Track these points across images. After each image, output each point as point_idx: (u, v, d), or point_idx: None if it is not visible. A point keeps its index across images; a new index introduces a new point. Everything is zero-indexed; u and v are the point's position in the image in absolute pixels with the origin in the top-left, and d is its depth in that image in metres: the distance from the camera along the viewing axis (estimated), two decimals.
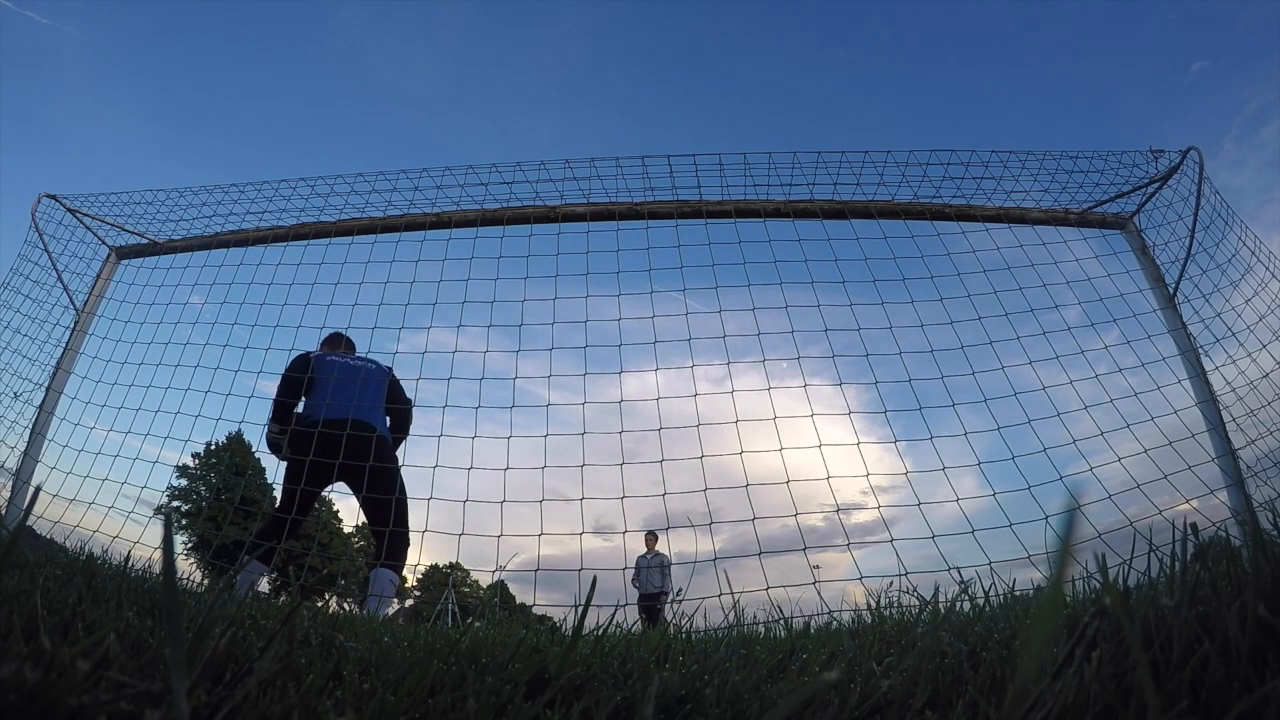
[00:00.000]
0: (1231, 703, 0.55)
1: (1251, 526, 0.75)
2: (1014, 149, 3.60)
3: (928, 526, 2.62)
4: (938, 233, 3.56)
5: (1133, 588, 0.93)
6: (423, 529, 2.83)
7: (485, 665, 0.88)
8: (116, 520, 3.33)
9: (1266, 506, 2.63)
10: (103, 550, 2.56)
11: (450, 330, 3.49)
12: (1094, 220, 3.79)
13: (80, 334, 3.98)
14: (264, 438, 3.29)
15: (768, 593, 2.31)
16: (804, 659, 1.06)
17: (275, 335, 3.56)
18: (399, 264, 3.69)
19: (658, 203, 3.68)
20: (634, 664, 0.93)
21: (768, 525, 2.56)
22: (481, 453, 2.98)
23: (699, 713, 0.77)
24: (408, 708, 0.69)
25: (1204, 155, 3.52)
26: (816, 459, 2.80)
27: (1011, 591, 1.67)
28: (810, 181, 3.66)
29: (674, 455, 2.85)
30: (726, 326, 3.24)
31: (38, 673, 0.48)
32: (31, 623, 0.73)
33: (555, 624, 2.09)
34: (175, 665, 0.44)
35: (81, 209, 4.15)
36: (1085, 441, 2.85)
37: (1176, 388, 3.15)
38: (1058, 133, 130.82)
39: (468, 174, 3.73)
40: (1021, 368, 3.06)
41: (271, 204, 3.94)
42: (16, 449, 3.66)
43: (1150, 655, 0.64)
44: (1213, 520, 2.45)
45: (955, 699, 0.74)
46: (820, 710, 0.73)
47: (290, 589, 4.70)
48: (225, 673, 0.70)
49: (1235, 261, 3.52)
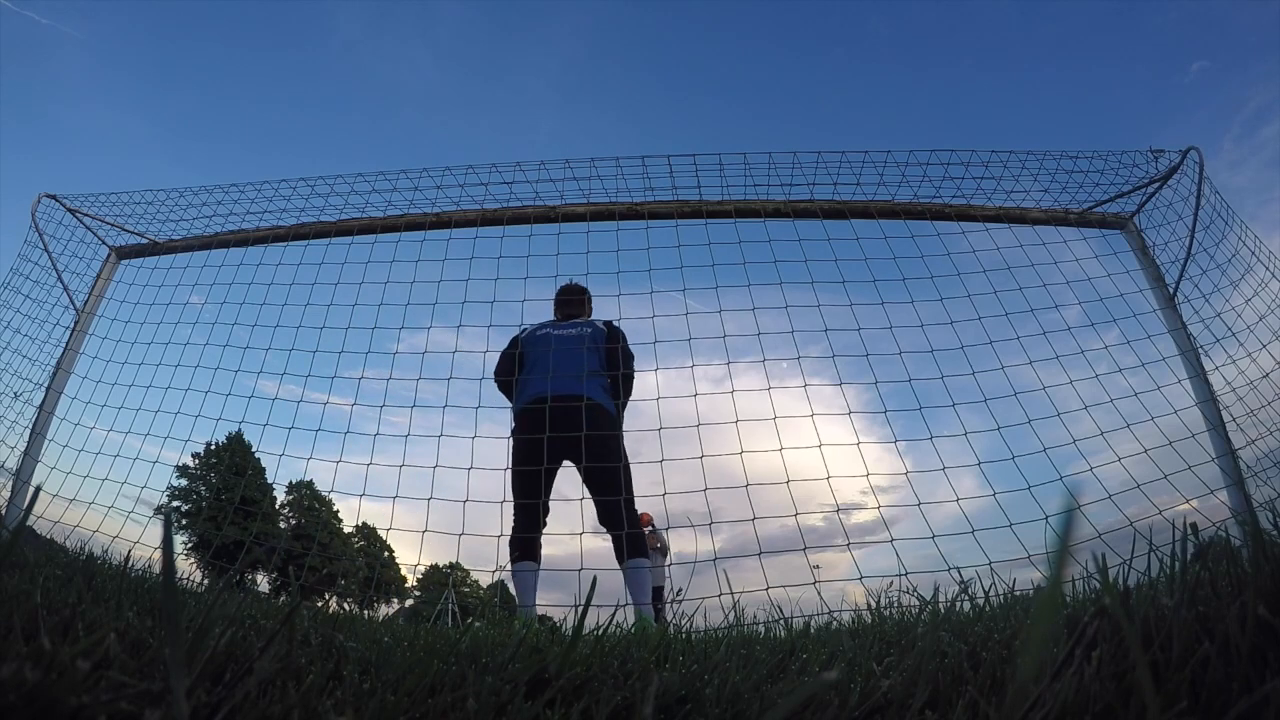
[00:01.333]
0: (1231, 703, 0.55)
1: (1251, 526, 0.75)
2: (1014, 149, 3.60)
3: (928, 526, 2.62)
4: (938, 233, 3.56)
5: (1133, 588, 0.93)
6: (423, 529, 2.83)
7: (485, 665, 0.88)
8: (116, 520, 3.34)
9: (1266, 506, 2.63)
10: (103, 550, 2.56)
11: (450, 330, 3.49)
12: (1094, 220, 3.79)
13: (80, 334, 3.98)
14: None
15: (768, 593, 2.31)
16: (804, 659, 1.06)
17: (275, 335, 3.56)
18: (399, 264, 3.69)
19: (658, 203, 3.68)
20: (634, 664, 0.93)
21: (768, 525, 2.55)
22: (481, 453, 2.98)
23: (699, 713, 0.77)
24: (408, 708, 0.69)
25: (1204, 155, 3.52)
26: (816, 459, 2.80)
27: (1011, 591, 1.67)
28: (810, 181, 3.66)
29: (674, 455, 2.85)
30: (726, 326, 3.24)
31: (38, 673, 0.48)
32: (31, 623, 0.73)
33: (555, 624, 2.09)
34: (174, 665, 0.44)
35: (81, 209, 4.15)
36: (1085, 441, 2.85)
37: (1176, 388, 3.15)
38: (1057, 132, 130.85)
39: (468, 174, 3.73)
40: (1021, 368, 3.06)
41: (271, 204, 3.94)
42: (16, 449, 3.66)
43: (1150, 655, 0.64)
44: (1213, 520, 2.45)
45: (955, 699, 0.74)
46: (820, 710, 0.73)
47: (290, 589, 4.71)
48: (225, 672, 0.70)
49: (1235, 261, 3.52)
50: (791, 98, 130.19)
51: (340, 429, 3.27)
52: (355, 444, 11.91)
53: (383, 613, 30.50)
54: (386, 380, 3.39)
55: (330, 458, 3.13)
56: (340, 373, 3.46)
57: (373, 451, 3.15)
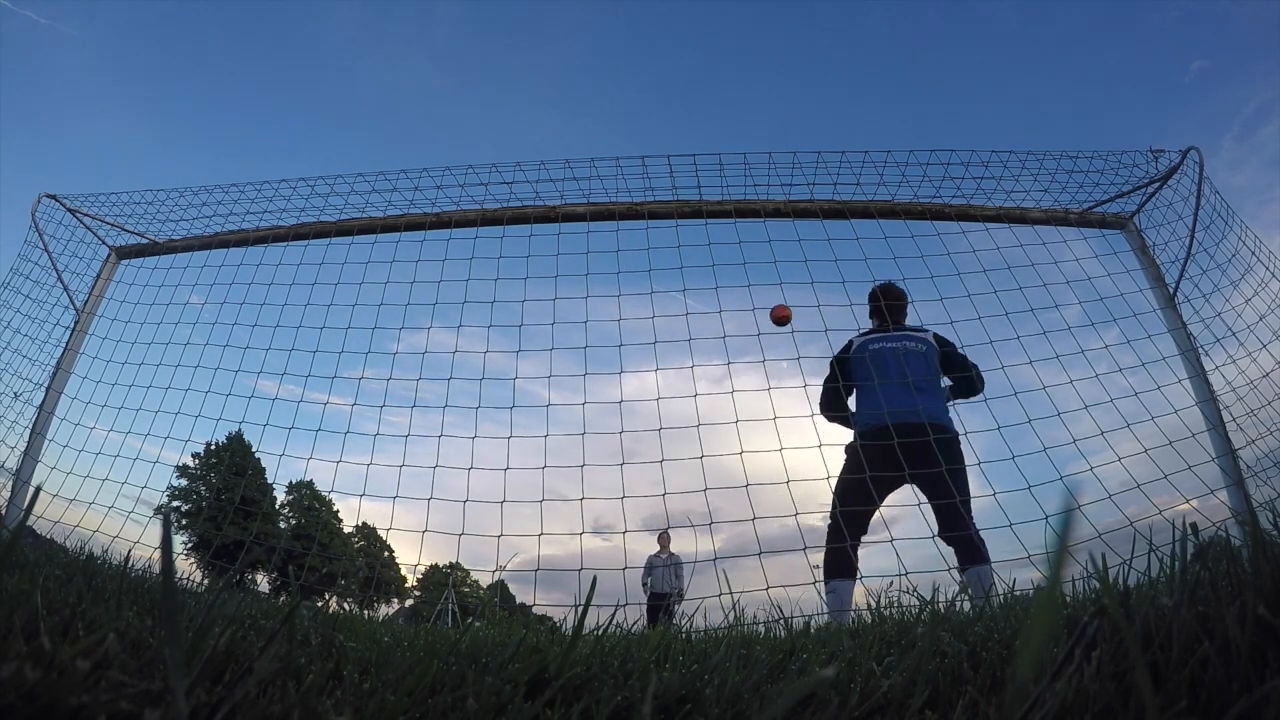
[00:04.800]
0: (1231, 703, 0.55)
1: (1251, 526, 0.75)
2: (1014, 149, 3.60)
3: (928, 526, 2.63)
4: (938, 233, 3.56)
5: (1132, 587, 0.93)
6: (423, 529, 2.84)
7: (485, 665, 0.88)
8: (116, 520, 3.33)
9: (1266, 506, 2.63)
10: (103, 550, 2.56)
11: (450, 330, 3.49)
12: (1094, 220, 3.79)
13: (80, 334, 3.98)
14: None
15: (768, 593, 2.31)
16: (804, 659, 1.06)
17: (275, 335, 3.57)
18: (399, 264, 3.69)
19: (658, 203, 3.69)
20: (634, 664, 0.93)
21: (767, 525, 2.56)
22: (481, 453, 2.99)
23: (699, 713, 0.77)
24: (408, 707, 0.69)
25: (1204, 155, 3.52)
26: (816, 459, 2.81)
27: (1012, 591, 1.67)
28: (810, 181, 3.66)
29: (674, 455, 2.85)
30: (726, 326, 3.25)
31: (38, 672, 0.48)
32: (31, 622, 0.73)
33: (555, 624, 2.10)
34: (174, 665, 0.44)
35: (81, 209, 4.15)
36: (1085, 441, 2.85)
37: (1176, 388, 3.15)
38: (1057, 132, 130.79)
39: (468, 174, 3.73)
40: (1021, 367, 3.06)
41: (271, 204, 3.94)
42: (16, 449, 3.66)
43: (1150, 655, 0.64)
44: (1213, 520, 2.44)
45: (955, 699, 0.74)
46: (820, 710, 0.73)
47: (290, 589, 4.70)
48: (225, 672, 0.70)
49: (1235, 261, 3.52)
50: (792, 97, 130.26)
51: (340, 429, 3.28)
52: (355, 444, 11.92)
53: (383, 613, 30.50)
54: (386, 380, 3.40)
55: (330, 458, 3.14)
56: (340, 373, 3.46)
57: (373, 451, 3.15)
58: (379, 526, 3.35)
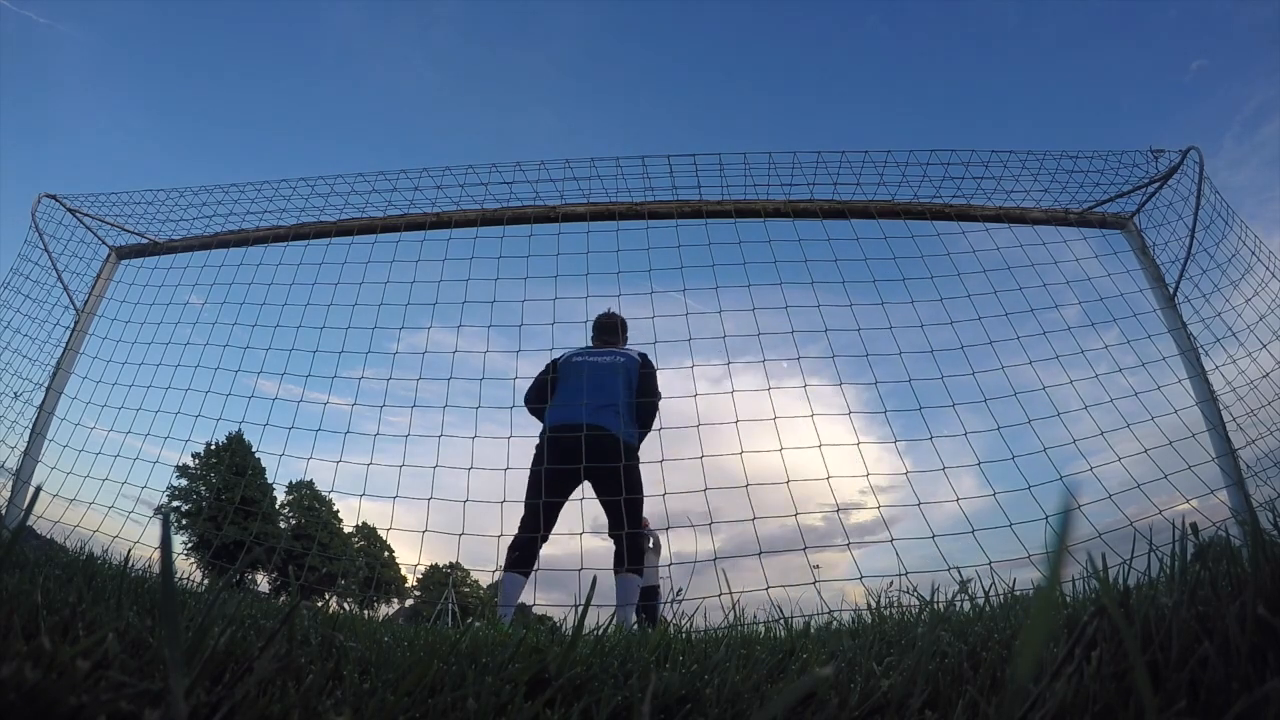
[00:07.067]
0: (1231, 702, 0.55)
1: (1251, 526, 0.75)
2: (1014, 149, 3.60)
3: (928, 526, 2.63)
4: (938, 233, 3.56)
5: (1132, 587, 0.93)
6: (423, 529, 2.84)
7: (485, 665, 0.88)
8: (116, 520, 3.33)
9: (1266, 506, 2.63)
10: (103, 550, 2.56)
11: (450, 330, 3.49)
12: (1094, 220, 3.79)
13: (80, 334, 3.98)
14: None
15: (768, 593, 2.31)
16: (804, 659, 1.06)
17: (275, 335, 3.57)
18: (399, 264, 3.69)
19: (658, 203, 3.68)
20: (634, 664, 0.93)
21: (767, 525, 2.56)
22: (481, 453, 2.98)
23: (699, 713, 0.77)
24: (408, 707, 0.69)
25: (1204, 154, 3.52)
26: (816, 459, 2.80)
27: (1011, 591, 1.67)
28: (810, 181, 3.66)
29: (674, 455, 2.85)
30: (726, 326, 3.25)
31: (38, 672, 0.48)
32: (31, 622, 0.73)
33: (555, 624, 2.09)
34: (174, 665, 0.44)
35: (81, 209, 4.15)
36: (1085, 441, 2.85)
37: (1176, 388, 3.15)
38: (1057, 132, 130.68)
39: (468, 174, 3.73)
40: (1021, 367, 3.06)
41: (271, 204, 3.94)
42: (16, 449, 3.66)
43: (1149, 655, 0.64)
44: (1213, 520, 2.45)
45: (955, 699, 0.74)
46: (820, 710, 0.73)
47: (290, 589, 4.71)
48: (225, 672, 0.70)
49: (1235, 261, 3.52)
50: (792, 97, 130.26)
51: (340, 429, 3.28)
52: (355, 444, 11.90)
53: (383, 613, 30.49)
54: (386, 380, 3.40)
55: (330, 458, 3.14)
56: (340, 373, 3.47)
57: (373, 451, 3.15)
58: (379, 526, 3.35)
